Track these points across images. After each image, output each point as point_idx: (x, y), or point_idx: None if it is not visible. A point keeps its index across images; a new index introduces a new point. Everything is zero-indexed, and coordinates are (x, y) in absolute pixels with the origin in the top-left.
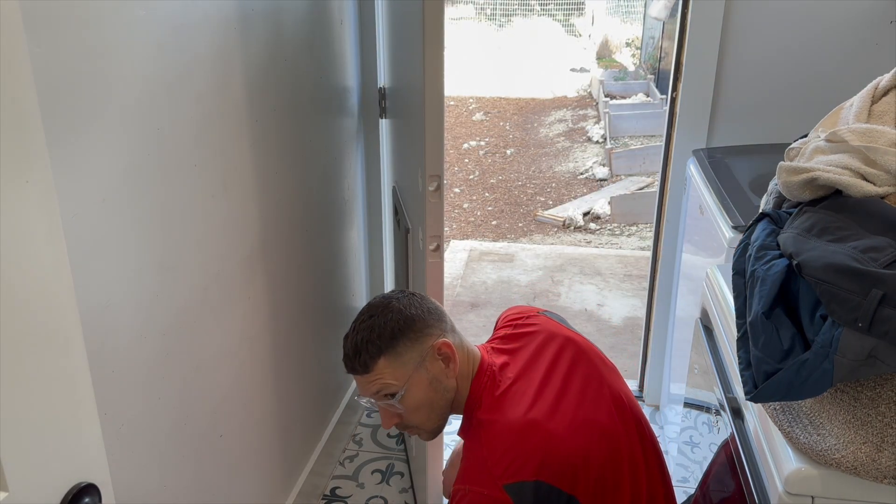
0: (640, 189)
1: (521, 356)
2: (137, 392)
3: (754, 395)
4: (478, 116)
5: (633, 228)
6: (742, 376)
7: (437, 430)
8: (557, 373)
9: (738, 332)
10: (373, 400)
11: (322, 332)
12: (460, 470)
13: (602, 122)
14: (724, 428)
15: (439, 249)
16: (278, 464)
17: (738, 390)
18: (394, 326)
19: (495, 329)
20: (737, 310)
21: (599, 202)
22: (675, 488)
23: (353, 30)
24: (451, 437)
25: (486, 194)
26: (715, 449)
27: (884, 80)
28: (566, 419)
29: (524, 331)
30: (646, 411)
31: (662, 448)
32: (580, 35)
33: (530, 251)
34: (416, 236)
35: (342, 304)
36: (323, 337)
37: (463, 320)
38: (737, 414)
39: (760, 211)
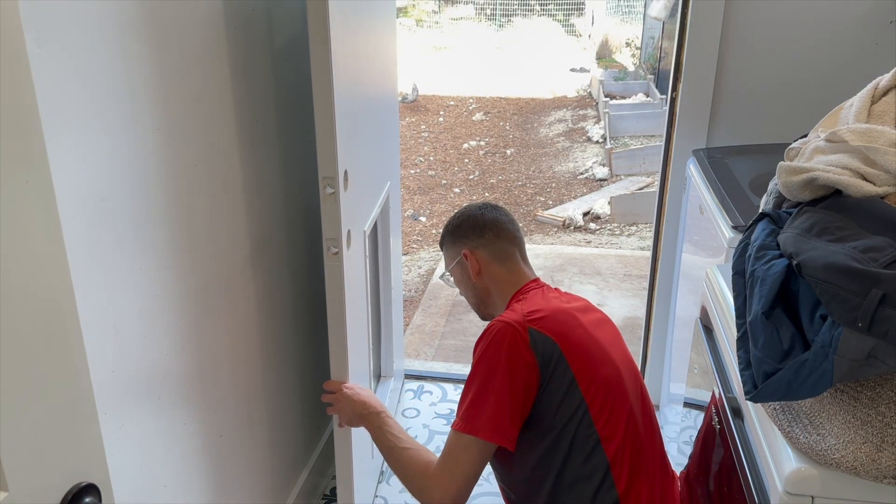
0: (640, 189)
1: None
2: (137, 392)
3: (754, 395)
4: (478, 116)
5: (633, 228)
6: (742, 376)
7: (478, 312)
8: (592, 318)
9: (738, 332)
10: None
11: (322, 332)
12: (480, 351)
13: (602, 122)
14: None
15: (339, 253)
16: (278, 464)
17: (738, 390)
18: (446, 228)
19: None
20: (737, 310)
21: (599, 202)
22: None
23: None
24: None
25: (486, 194)
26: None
27: (884, 80)
28: (592, 332)
29: (569, 294)
30: None
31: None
32: (580, 35)
33: (530, 251)
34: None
35: None
36: (323, 336)
37: (463, 320)
38: (737, 414)
39: (760, 211)
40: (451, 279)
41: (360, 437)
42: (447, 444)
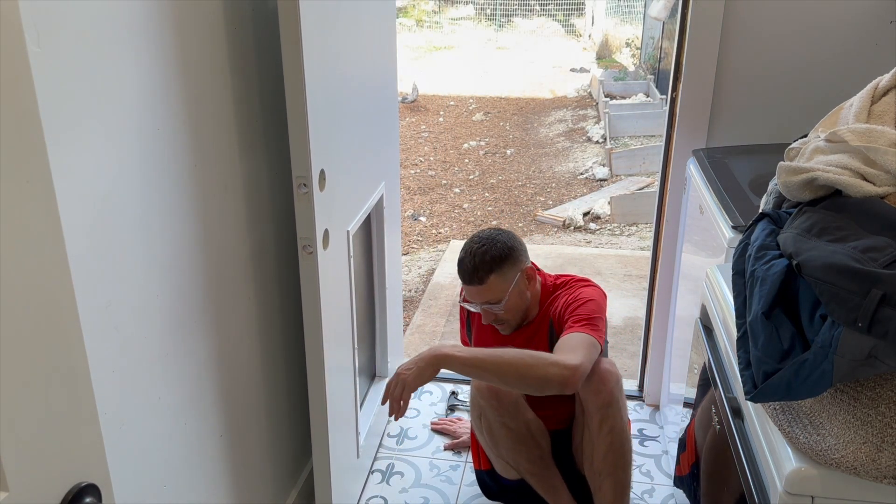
0: (640, 189)
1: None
2: (137, 392)
3: (754, 395)
4: (478, 116)
5: (633, 228)
6: (742, 376)
7: (518, 322)
8: None
9: (738, 332)
10: (479, 304)
11: None
12: (574, 293)
13: (602, 122)
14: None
15: (313, 253)
16: (278, 464)
17: (738, 390)
18: (500, 253)
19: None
20: (736, 310)
21: (599, 202)
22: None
23: None
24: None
25: (486, 194)
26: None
27: (883, 80)
28: None
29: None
30: (646, 411)
31: (663, 447)
32: (580, 35)
33: (530, 251)
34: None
35: None
36: None
37: None
38: (737, 414)
39: (760, 211)
40: (500, 306)
41: (340, 436)
42: (578, 339)
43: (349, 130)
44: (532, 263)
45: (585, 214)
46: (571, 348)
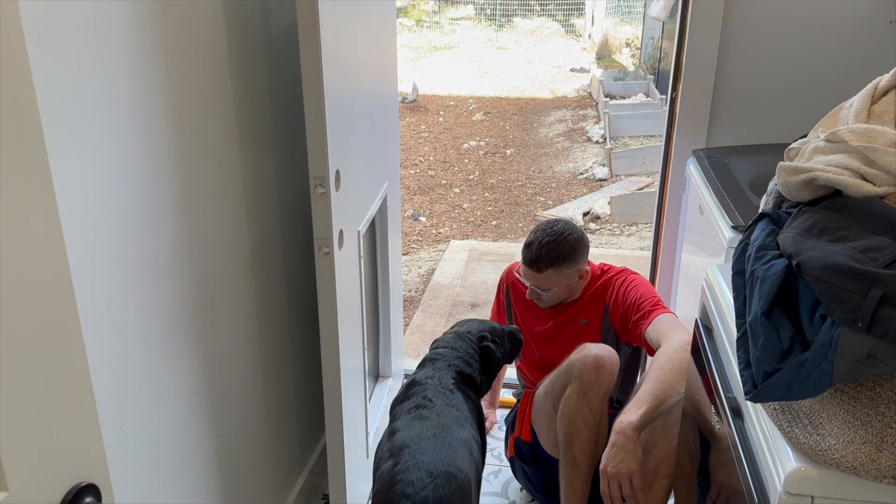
0: (640, 189)
1: None
2: (137, 392)
3: (754, 395)
4: (478, 116)
5: (633, 228)
6: (742, 376)
7: (557, 304)
8: None
9: (738, 332)
10: (529, 283)
11: None
12: (626, 279)
13: (602, 122)
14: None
15: (330, 253)
16: (278, 463)
17: (738, 390)
18: (564, 253)
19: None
20: (737, 310)
21: (599, 202)
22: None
23: None
24: None
25: (486, 194)
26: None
27: (883, 80)
28: None
29: None
30: None
31: None
32: (580, 35)
33: None
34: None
35: None
36: None
37: None
38: (737, 414)
39: (760, 211)
40: (546, 294)
41: (352, 438)
42: (668, 319)
43: (358, 131)
44: (590, 263)
45: (585, 214)
46: (680, 329)
